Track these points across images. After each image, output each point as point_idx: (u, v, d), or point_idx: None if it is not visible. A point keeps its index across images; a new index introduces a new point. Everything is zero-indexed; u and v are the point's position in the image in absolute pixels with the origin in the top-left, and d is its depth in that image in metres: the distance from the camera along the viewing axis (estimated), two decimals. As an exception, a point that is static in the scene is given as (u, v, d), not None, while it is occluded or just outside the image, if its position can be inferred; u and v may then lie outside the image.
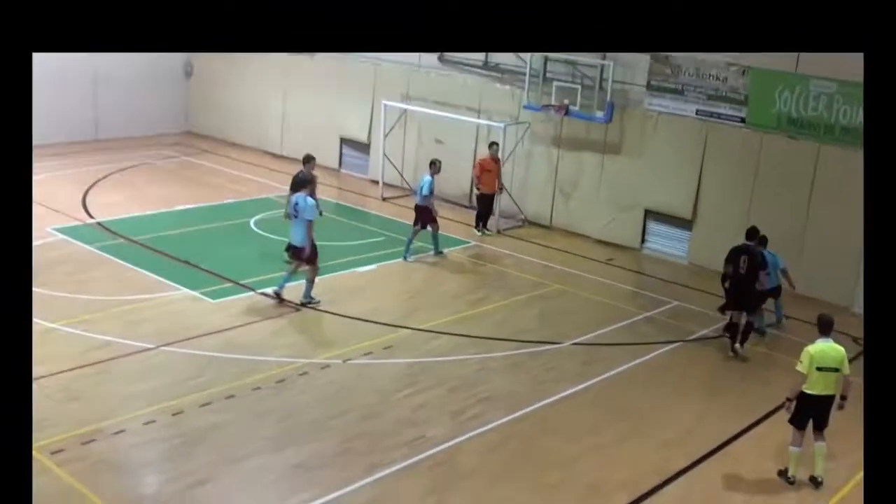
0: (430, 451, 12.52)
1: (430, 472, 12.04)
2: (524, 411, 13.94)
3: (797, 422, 12.51)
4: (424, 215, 20.89)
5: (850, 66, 19.04)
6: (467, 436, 13.04)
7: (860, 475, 12.71)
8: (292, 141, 29.79)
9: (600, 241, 23.35)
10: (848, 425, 13.06)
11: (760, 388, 15.52)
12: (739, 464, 12.91)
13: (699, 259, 21.52)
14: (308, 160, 19.76)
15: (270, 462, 12.00)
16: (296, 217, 17.15)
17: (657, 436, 13.53)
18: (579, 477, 12.20)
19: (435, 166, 21.54)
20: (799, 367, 12.22)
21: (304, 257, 17.20)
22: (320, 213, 18.18)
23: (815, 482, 12.53)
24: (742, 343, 16.73)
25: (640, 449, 13.12)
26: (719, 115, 21.25)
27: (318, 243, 17.27)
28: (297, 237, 17.19)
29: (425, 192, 20.84)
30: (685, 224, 22.20)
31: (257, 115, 30.84)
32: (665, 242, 22.73)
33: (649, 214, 22.83)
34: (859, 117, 19.14)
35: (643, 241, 23.01)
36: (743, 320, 16.74)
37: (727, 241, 18.05)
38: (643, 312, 18.65)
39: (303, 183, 17.81)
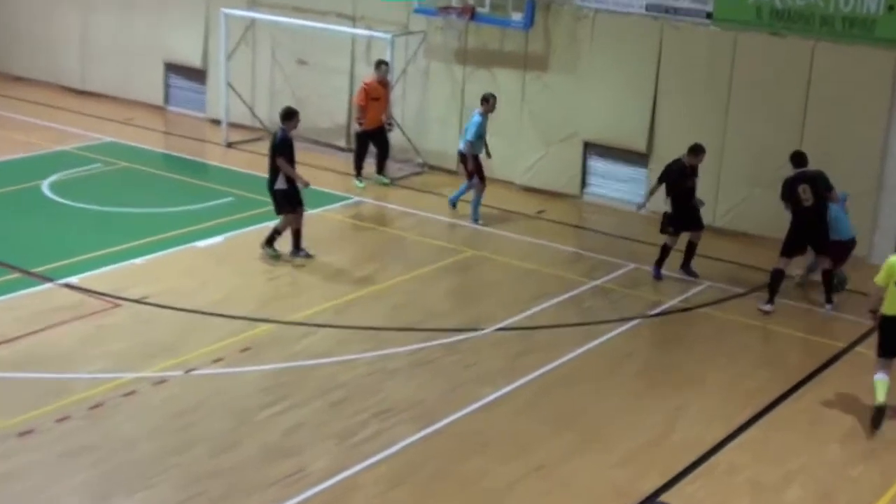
0: (312, 490, 12.27)
1: (313, 519, 11.89)
2: (438, 426, 13.82)
3: (879, 348, 13.88)
4: (467, 165, 21.24)
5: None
6: (362, 465, 12.85)
7: None
8: (98, 71, 29.38)
9: (527, 188, 23.40)
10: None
11: (751, 373, 15.64)
12: (731, 477, 12.91)
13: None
14: (288, 116, 18.64)
15: (88, 520, 11.72)
16: None
17: (617, 448, 13.50)
18: (517, 511, 12.17)
19: (489, 103, 21.41)
20: (876, 279, 13.63)
21: None
22: None
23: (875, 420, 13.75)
24: (829, 298, 17.60)
25: (596, 467, 13.06)
26: (677, 10, 21.27)
27: (134, 210, 16.48)
28: None
29: (469, 136, 21.02)
30: (639, 159, 22.30)
31: (49, 39, 30.15)
32: (613, 185, 22.84)
33: (591, 149, 22.87)
34: (867, 3, 19.19)
35: (584, 184, 23.07)
36: (802, 269, 18.06)
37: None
38: (589, 281, 18.72)
39: None
